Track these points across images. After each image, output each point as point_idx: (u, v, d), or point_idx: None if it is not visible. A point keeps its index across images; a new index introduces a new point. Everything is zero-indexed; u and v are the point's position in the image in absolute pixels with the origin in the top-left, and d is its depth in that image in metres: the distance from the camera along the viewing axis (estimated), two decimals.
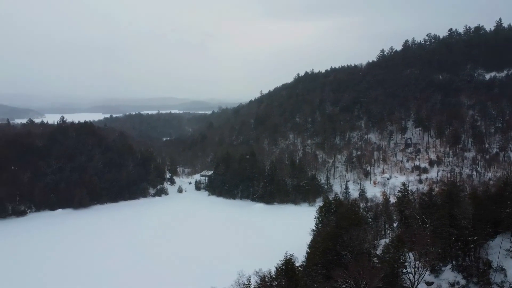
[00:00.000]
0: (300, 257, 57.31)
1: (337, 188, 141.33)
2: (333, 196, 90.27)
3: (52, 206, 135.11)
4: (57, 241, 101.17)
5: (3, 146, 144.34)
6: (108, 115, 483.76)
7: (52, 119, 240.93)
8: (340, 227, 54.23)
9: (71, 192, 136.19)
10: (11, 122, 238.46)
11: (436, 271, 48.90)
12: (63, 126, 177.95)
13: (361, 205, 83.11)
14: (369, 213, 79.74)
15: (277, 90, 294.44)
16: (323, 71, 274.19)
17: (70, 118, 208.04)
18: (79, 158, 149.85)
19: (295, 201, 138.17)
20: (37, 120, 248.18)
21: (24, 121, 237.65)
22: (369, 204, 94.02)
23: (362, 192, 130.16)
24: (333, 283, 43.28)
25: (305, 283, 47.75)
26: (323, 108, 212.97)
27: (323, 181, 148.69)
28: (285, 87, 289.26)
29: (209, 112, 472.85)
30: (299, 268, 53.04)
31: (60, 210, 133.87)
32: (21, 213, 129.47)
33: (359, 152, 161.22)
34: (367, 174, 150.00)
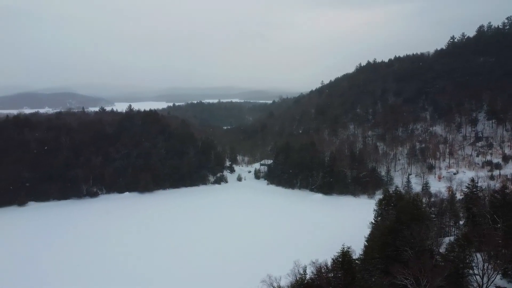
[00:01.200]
0: (357, 250, 56.43)
1: (398, 181, 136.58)
2: (393, 189, 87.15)
3: (120, 189, 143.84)
4: (127, 220, 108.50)
5: (79, 132, 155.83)
6: (171, 104, 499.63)
7: (121, 107, 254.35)
8: (401, 221, 52.62)
9: (137, 176, 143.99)
10: (85, 110, 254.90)
11: (510, 276, 45.85)
12: (130, 114, 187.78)
13: (423, 200, 79.64)
14: (433, 208, 76.38)
15: (338, 80, 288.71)
16: (386, 60, 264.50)
17: (137, 106, 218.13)
18: (144, 145, 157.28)
19: (354, 193, 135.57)
20: (108, 108, 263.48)
21: (96, 109, 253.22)
22: (432, 199, 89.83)
23: (425, 186, 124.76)
24: (391, 279, 42.30)
25: (362, 277, 47.03)
26: (385, 98, 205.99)
27: (383, 173, 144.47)
28: (346, 77, 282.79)
29: (270, 101, 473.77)
30: (356, 261, 52.20)
31: (127, 193, 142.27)
32: (94, 194, 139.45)
33: (423, 145, 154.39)
34: (431, 168, 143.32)
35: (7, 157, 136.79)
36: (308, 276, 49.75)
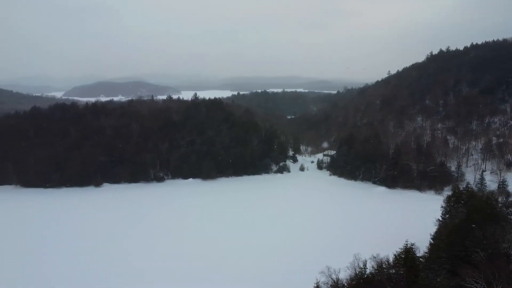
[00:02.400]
0: (422, 248, 54.06)
1: (470, 177, 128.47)
2: (464, 186, 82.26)
3: (184, 175, 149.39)
4: (190, 205, 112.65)
5: (148, 119, 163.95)
6: (235, 92, 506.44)
7: (187, 95, 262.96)
8: (471, 220, 49.59)
9: (200, 163, 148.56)
10: (154, 98, 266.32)
11: None
12: (196, 102, 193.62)
13: (499, 199, 74.38)
14: (510, 209, 71.09)
15: (406, 70, 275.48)
16: (461, 48, 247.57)
17: (202, 94, 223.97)
18: (208, 132, 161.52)
19: (420, 188, 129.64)
20: (175, 97, 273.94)
21: (164, 97, 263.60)
22: (510, 199, 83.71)
23: (502, 184, 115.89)
24: (459, 281, 40.14)
25: (426, 276, 45.05)
26: (458, 89, 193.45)
27: (453, 168, 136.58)
28: (415, 66, 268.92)
29: (334, 91, 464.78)
30: (420, 259, 50.13)
31: (191, 179, 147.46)
32: (160, 179, 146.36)
33: (501, 140, 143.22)
34: (509, 165, 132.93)
35: (86, 141, 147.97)
36: (368, 271, 48.70)
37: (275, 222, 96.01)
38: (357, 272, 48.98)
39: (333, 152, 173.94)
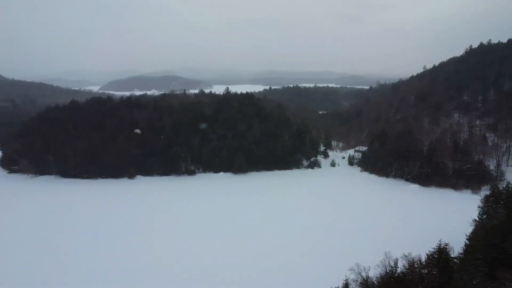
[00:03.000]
0: (456, 248, 52.32)
1: (511, 177, 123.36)
2: (504, 186, 78.98)
3: (215, 169, 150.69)
4: (220, 199, 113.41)
5: (180, 113, 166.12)
6: (267, 87, 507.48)
7: (219, 89, 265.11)
8: None
9: (231, 157, 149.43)
10: (186, 92, 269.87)
11: None
12: (227, 96, 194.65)
13: None
14: None
15: (443, 65, 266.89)
16: (504, 41, 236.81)
17: (234, 89, 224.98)
18: (240, 127, 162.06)
19: (456, 186, 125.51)
20: (207, 91, 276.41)
21: (196, 91, 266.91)
22: None
23: None
24: (497, 285, 38.52)
25: (461, 278, 43.45)
26: (500, 84, 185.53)
27: (492, 167, 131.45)
28: (452, 61, 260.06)
29: (367, 87, 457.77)
30: (455, 260, 48.49)
31: (222, 173, 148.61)
32: (191, 172, 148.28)
33: None
34: None
35: (120, 134, 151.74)
36: (399, 270, 47.66)
37: (305, 218, 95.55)
38: (388, 271, 48.02)
39: (364, 148, 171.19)
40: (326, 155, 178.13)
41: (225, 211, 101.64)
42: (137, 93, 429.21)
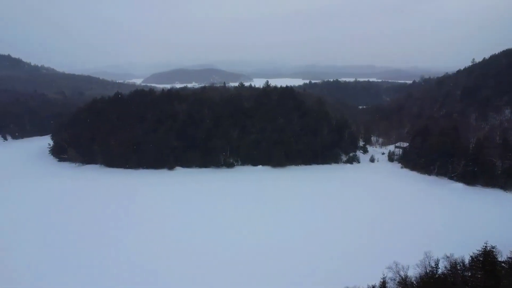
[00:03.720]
0: (504, 252, 49.87)
1: None
2: None
3: (254, 162, 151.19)
4: (259, 192, 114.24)
5: (220, 106, 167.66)
6: (307, 81, 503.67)
7: (259, 83, 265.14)
8: None
9: (270, 151, 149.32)
10: (226, 85, 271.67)
11: None
12: (267, 90, 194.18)
13: None
14: None
15: (493, 58, 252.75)
16: None
17: (273, 82, 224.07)
18: (279, 120, 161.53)
19: (505, 187, 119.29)
20: (246, 84, 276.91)
21: (236, 84, 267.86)
22: None
23: None
24: None
25: (510, 283, 41.28)
26: None
27: None
28: (506, 53, 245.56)
29: (410, 81, 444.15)
30: (502, 264, 46.22)
31: (260, 166, 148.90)
32: (230, 165, 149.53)
33: None
34: None
35: (161, 126, 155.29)
36: (440, 271, 46.09)
37: (344, 213, 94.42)
38: (428, 271, 46.59)
39: (405, 144, 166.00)
40: (365, 151, 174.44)
41: (265, 204, 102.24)
42: (178, 85, 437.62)
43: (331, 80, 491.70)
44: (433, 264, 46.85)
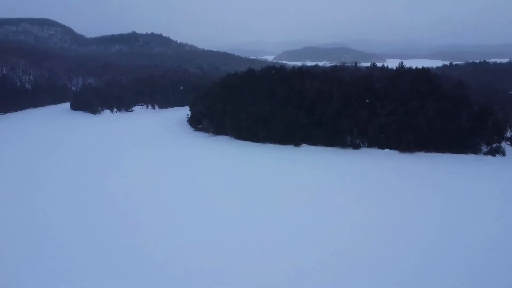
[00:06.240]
0: None
1: None
2: None
3: (381, 145, 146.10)
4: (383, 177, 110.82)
5: (350, 85, 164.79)
6: (447, 62, 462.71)
7: (392, 64, 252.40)
8: None
9: (399, 135, 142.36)
10: (357, 65, 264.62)
11: None
12: (400, 72, 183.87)
13: None
14: None
15: None
16: None
17: (408, 63, 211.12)
18: (411, 103, 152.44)
19: None
20: (379, 64, 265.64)
21: (368, 64, 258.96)
22: None
23: None
24: None
25: None
26: None
27: None
28: None
29: None
30: None
31: (387, 150, 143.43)
32: (356, 146, 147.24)
33: None
34: None
35: (289, 103, 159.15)
36: None
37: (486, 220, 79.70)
38: None
39: None
40: None
41: (398, 195, 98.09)
42: (309, 63, 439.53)
43: (477, 61, 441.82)
44: None
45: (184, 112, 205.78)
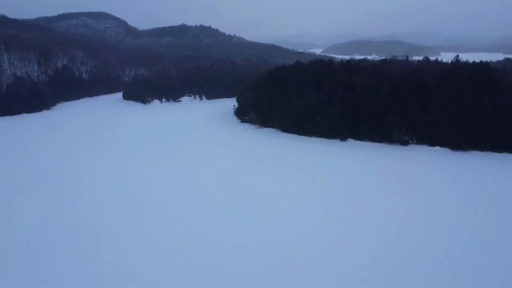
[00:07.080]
0: None
1: None
2: None
3: (431, 142, 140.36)
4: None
5: (400, 80, 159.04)
6: (510, 56, 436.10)
7: (446, 57, 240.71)
8: None
9: (452, 132, 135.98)
10: (409, 58, 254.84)
11: None
12: (455, 66, 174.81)
13: None
14: None
15: None
16: None
17: (465, 57, 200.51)
18: (466, 99, 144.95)
19: None
20: (432, 58, 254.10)
21: (420, 58, 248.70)
22: None
23: None
24: None
25: None
26: None
27: None
28: None
29: None
30: None
31: (438, 147, 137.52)
32: (404, 143, 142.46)
33: None
34: None
35: (336, 97, 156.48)
36: None
37: None
38: None
39: None
40: None
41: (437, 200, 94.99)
42: (357, 57, 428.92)
43: None
44: None
45: (230, 103, 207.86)
